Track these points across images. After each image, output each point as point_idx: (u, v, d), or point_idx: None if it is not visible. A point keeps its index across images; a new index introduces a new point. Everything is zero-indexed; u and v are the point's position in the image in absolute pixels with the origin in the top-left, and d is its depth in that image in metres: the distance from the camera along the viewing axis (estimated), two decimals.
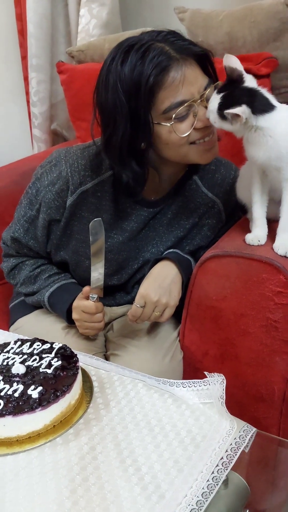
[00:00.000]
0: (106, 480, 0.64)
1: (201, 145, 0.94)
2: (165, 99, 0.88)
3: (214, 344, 0.99)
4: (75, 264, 1.09)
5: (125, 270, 1.10)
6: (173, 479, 0.64)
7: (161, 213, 1.07)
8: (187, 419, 0.75)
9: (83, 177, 1.02)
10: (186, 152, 0.94)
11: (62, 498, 0.62)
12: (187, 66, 0.88)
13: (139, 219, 1.06)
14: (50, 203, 1.03)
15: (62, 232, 1.07)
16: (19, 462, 0.67)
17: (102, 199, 1.03)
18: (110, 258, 1.06)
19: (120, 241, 1.06)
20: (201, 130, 0.92)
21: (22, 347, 0.83)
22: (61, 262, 1.12)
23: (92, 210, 1.04)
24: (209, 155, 0.96)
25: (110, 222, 1.04)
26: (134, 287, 1.13)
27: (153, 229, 1.08)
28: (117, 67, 0.88)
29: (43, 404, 0.70)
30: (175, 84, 0.88)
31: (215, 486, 0.63)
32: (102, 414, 0.76)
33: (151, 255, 1.09)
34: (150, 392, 0.80)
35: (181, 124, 0.90)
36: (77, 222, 1.05)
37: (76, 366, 0.78)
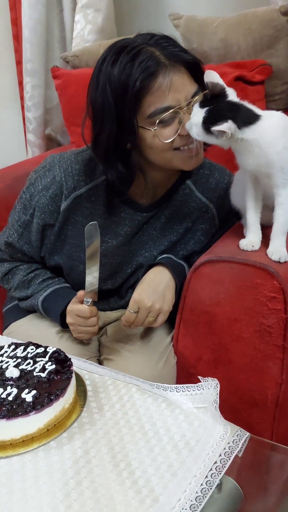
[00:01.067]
0: (100, 484, 0.64)
1: (185, 151, 0.94)
2: (151, 104, 0.89)
3: (208, 349, 0.99)
4: (69, 269, 1.10)
5: (119, 275, 1.10)
6: (167, 483, 0.64)
7: (154, 218, 1.08)
8: (181, 424, 0.75)
9: (77, 181, 1.02)
10: (170, 157, 0.95)
11: (56, 502, 0.61)
12: (175, 72, 0.89)
13: (133, 223, 1.06)
14: (44, 208, 1.04)
15: (56, 236, 1.07)
16: (13, 466, 0.67)
17: (96, 204, 1.04)
18: (104, 263, 1.06)
19: (114, 246, 1.06)
20: (186, 137, 0.92)
21: (16, 350, 0.83)
22: (55, 267, 1.12)
23: (86, 215, 1.04)
24: (192, 162, 0.97)
25: (104, 227, 1.05)
26: (128, 292, 1.13)
27: (146, 234, 1.08)
28: (108, 67, 0.89)
29: (37, 408, 0.70)
30: (162, 90, 0.88)
31: (209, 490, 0.63)
32: (96, 418, 0.76)
33: (145, 260, 1.09)
34: (144, 397, 0.80)
35: (165, 129, 0.91)
36: (71, 226, 1.05)
37: (70, 370, 0.78)
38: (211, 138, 0.88)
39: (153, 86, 0.88)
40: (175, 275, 1.01)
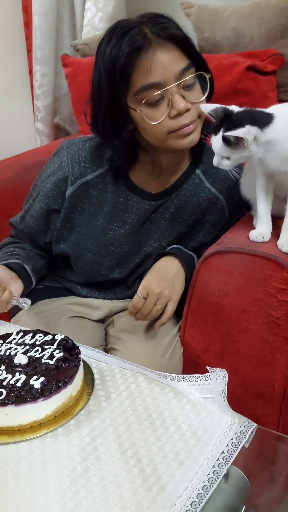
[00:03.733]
0: (107, 471, 0.64)
1: (180, 131, 0.92)
2: (137, 81, 0.88)
3: (215, 340, 0.99)
4: (76, 257, 1.09)
5: (126, 264, 1.10)
6: (174, 471, 0.64)
7: (163, 207, 1.07)
8: (188, 413, 0.75)
9: (83, 168, 1.03)
10: (164, 138, 0.93)
11: (64, 488, 0.62)
12: (161, 49, 0.87)
13: (140, 212, 1.05)
14: (48, 193, 1.05)
15: (62, 223, 1.06)
16: (21, 451, 0.67)
17: (103, 191, 1.04)
18: (111, 251, 1.06)
19: (121, 234, 1.06)
20: (177, 119, 0.90)
21: (25, 338, 0.83)
22: (61, 255, 1.12)
23: (93, 203, 1.04)
24: (185, 142, 0.94)
25: (111, 214, 1.04)
26: (135, 282, 1.13)
27: (155, 223, 1.08)
28: (102, 46, 0.90)
29: (45, 395, 0.70)
30: (145, 66, 0.87)
31: (216, 479, 0.63)
32: (103, 406, 0.76)
33: (153, 250, 1.09)
34: (151, 386, 0.81)
35: (152, 111, 0.89)
36: (78, 215, 1.05)
37: (78, 357, 0.78)
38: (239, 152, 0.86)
39: (137, 62, 0.87)
40: (185, 265, 1.01)
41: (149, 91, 0.88)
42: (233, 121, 0.85)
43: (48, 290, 1.17)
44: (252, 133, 0.83)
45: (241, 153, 0.86)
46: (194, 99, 0.91)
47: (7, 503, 0.60)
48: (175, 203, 1.07)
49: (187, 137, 0.93)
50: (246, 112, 0.87)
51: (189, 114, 0.90)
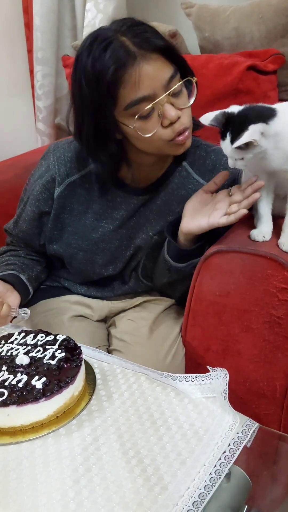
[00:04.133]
0: (108, 471, 0.64)
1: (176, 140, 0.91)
2: (126, 96, 0.86)
3: (217, 339, 0.99)
4: (70, 257, 1.10)
5: (118, 259, 1.10)
6: (176, 471, 0.64)
7: (150, 200, 1.07)
8: (189, 413, 0.75)
9: (69, 169, 1.04)
10: (161, 146, 0.93)
11: (65, 488, 0.62)
12: (146, 61, 0.85)
13: (129, 207, 1.05)
14: (38, 196, 1.06)
15: (53, 224, 1.07)
16: (23, 452, 0.68)
17: (90, 190, 1.05)
18: (103, 248, 1.07)
19: (111, 230, 1.06)
20: (171, 128, 0.89)
21: (26, 338, 0.83)
22: (55, 256, 1.13)
23: (81, 202, 1.05)
24: (182, 149, 0.94)
25: (100, 212, 1.05)
26: (131, 276, 1.13)
27: (143, 216, 1.07)
28: (82, 58, 0.88)
29: (46, 395, 0.70)
30: (133, 81, 0.85)
31: (218, 479, 0.63)
32: (105, 406, 0.76)
33: (142, 242, 1.08)
34: (153, 386, 0.81)
35: (145, 124, 0.89)
36: (68, 214, 1.06)
37: (80, 358, 0.78)
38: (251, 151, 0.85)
39: (124, 78, 0.85)
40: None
41: (139, 105, 0.87)
42: (237, 125, 0.85)
43: (48, 290, 1.17)
44: (258, 130, 0.83)
45: (253, 151, 0.86)
46: (183, 105, 0.90)
47: (9, 503, 0.60)
48: (162, 196, 1.07)
49: (183, 144, 0.93)
50: (247, 110, 0.87)
51: (181, 121, 0.90)
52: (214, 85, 1.48)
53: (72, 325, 1.07)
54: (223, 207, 0.93)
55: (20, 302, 1.02)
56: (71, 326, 1.07)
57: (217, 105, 1.57)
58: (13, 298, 1.00)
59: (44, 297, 1.15)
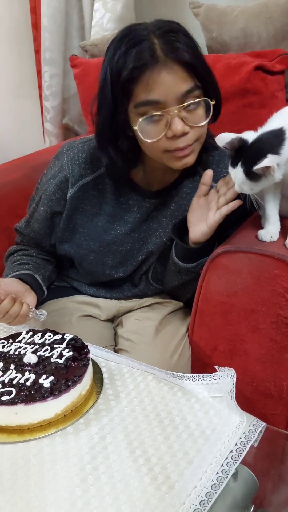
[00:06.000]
0: (116, 470, 0.65)
1: (175, 153, 0.91)
2: (139, 95, 0.87)
3: (224, 339, 0.99)
4: (80, 258, 1.10)
5: (129, 262, 1.10)
6: (183, 470, 0.65)
7: (164, 204, 1.07)
8: (196, 412, 0.75)
9: (83, 169, 1.03)
10: (159, 156, 0.93)
11: (73, 486, 0.62)
12: (167, 69, 0.85)
13: (142, 210, 1.05)
14: (50, 196, 1.05)
15: (65, 225, 1.07)
16: (31, 450, 0.68)
17: (103, 192, 1.04)
18: (114, 250, 1.07)
19: (123, 233, 1.06)
20: (174, 141, 0.89)
21: (34, 337, 0.84)
22: (65, 256, 1.13)
23: (94, 203, 1.05)
24: (180, 164, 0.93)
25: (112, 214, 1.05)
26: (141, 279, 1.13)
27: (156, 221, 1.07)
28: (111, 51, 0.89)
29: (54, 394, 0.70)
30: (148, 83, 0.85)
31: (225, 478, 0.64)
32: (112, 405, 0.76)
33: (154, 246, 1.08)
34: (160, 385, 0.81)
35: (150, 128, 0.88)
36: (80, 216, 1.06)
37: (87, 357, 0.79)
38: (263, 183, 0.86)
39: (140, 78, 0.85)
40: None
41: (148, 107, 0.87)
42: (251, 154, 0.85)
43: (56, 290, 1.18)
44: (275, 161, 0.83)
45: (263, 183, 0.86)
46: (194, 123, 0.89)
47: (17, 502, 0.61)
48: (175, 200, 1.07)
49: (181, 159, 0.92)
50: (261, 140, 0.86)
51: (186, 137, 0.89)
52: (222, 85, 1.45)
53: (79, 325, 1.08)
54: (214, 205, 0.94)
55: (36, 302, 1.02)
56: (78, 325, 1.07)
57: (224, 105, 1.56)
58: (31, 298, 1.00)
59: (52, 297, 1.15)
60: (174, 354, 1.01)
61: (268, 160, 0.82)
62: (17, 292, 0.98)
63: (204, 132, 0.93)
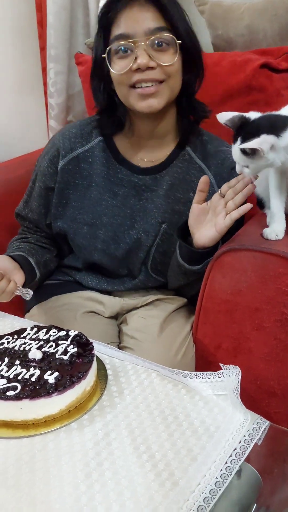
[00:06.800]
0: (120, 466, 0.65)
1: (140, 89, 0.95)
2: (112, 32, 0.95)
3: (228, 337, 0.99)
4: (73, 233, 1.11)
5: (121, 239, 1.09)
6: (187, 467, 0.65)
7: (156, 185, 1.08)
8: (200, 410, 0.75)
9: (73, 143, 1.08)
10: (126, 94, 0.98)
11: (77, 482, 0.62)
12: (139, 6, 0.92)
13: (131, 185, 1.07)
14: (44, 171, 1.10)
15: (57, 200, 1.10)
16: (35, 445, 0.68)
17: (93, 164, 1.08)
18: (105, 222, 1.08)
19: (114, 205, 1.08)
20: (138, 74, 0.93)
21: (39, 333, 0.84)
22: (59, 234, 1.15)
23: (85, 176, 1.08)
24: (144, 104, 0.97)
25: (103, 185, 1.08)
26: (141, 270, 1.13)
27: (150, 201, 1.09)
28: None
29: (59, 389, 0.71)
30: (121, 19, 0.93)
31: (229, 475, 0.64)
32: (116, 402, 0.77)
33: (150, 227, 1.09)
34: (164, 382, 0.81)
35: (118, 61, 0.95)
36: (72, 190, 1.09)
37: (92, 353, 0.79)
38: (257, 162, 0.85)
39: (114, 14, 0.94)
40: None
41: (119, 41, 0.93)
42: (250, 131, 0.84)
43: (60, 285, 1.18)
44: (269, 142, 0.82)
45: (259, 162, 0.85)
46: (161, 61, 0.93)
47: (22, 497, 0.61)
48: (167, 180, 1.08)
49: (146, 99, 0.96)
50: (263, 119, 0.86)
51: (151, 72, 0.93)
52: (227, 82, 1.47)
53: (83, 321, 1.08)
54: (222, 210, 0.94)
55: (25, 282, 1.04)
56: (83, 322, 1.08)
57: (229, 103, 1.57)
58: (19, 277, 1.02)
59: (57, 292, 1.15)
60: (178, 352, 1.01)
61: (258, 141, 0.81)
62: (6, 269, 0.99)
63: (175, 78, 0.97)
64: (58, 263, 1.21)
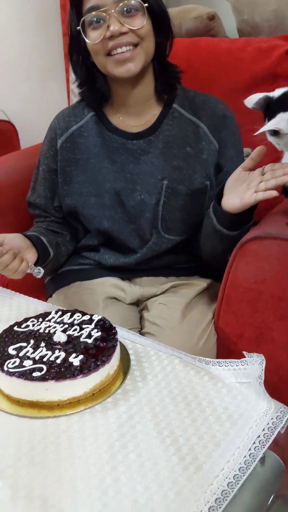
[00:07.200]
0: (144, 449, 0.65)
1: (116, 56, 1.00)
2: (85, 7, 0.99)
3: (250, 326, 0.98)
4: (82, 206, 1.13)
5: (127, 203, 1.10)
6: (210, 452, 0.65)
7: (151, 146, 1.11)
8: (223, 397, 0.75)
9: (68, 122, 1.14)
10: (104, 62, 1.02)
11: (102, 462, 0.63)
12: None
13: (127, 152, 1.11)
14: (46, 154, 1.16)
15: (62, 179, 1.14)
16: (60, 426, 0.69)
17: (89, 137, 1.12)
18: (108, 188, 1.10)
19: (113, 170, 1.10)
20: (113, 39, 0.98)
21: (63, 317, 0.84)
22: (70, 213, 1.16)
23: (83, 150, 1.12)
24: (122, 69, 1.01)
25: (100, 154, 1.11)
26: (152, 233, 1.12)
27: (149, 163, 1.10)
28: None
29: (84, 372, 0.71)
30: None
31: (252, 462, 0.64)
32: (139, 386, 0.77)
33: (151, 186, 1.09)
34: (187, 369, 0.81)
35: (92, 32, 1.00)
36: (74, 166, 1.13)
37: (115, 338, 0.79)
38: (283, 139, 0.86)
39: None
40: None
41: (91, 14, 0.98)
42: (273, 110, 0.84)
43: (81, 271, 1.19)
44: (285, 120, 0.81)
45: (283, 139, 0.85)
46: (132, 26, 0.98)
47: (48, 474, 0.62)
48: (160, 139, 1.11)
49: (123, 64, 1.00)
50: (281, 97, 0.85)
51: (125, 37, 0.98)
52: (252, 69, 1.45)
53: (105, 306, 1.08)
54: (254, 186, 0.93)
55: (39, 261, 1.07)
56: (105, 307, 1.08)
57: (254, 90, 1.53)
58: (31, 255, 1.04)
59: (79, 278, 1.17)
60: (201, 339, 1.01)
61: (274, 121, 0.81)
62: (19, 247, 1.02)
63: (148, 41, 1.02)
64: (76, 248, 1.23)
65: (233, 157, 1.13)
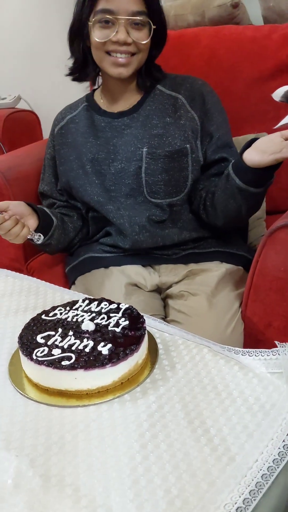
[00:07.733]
0: (175, 439, 0.64)
1: (114, 58, 1.08)
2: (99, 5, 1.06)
3: (279, 316, 0.96)
4: (73, 179, 1.20)
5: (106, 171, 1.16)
6: (243, 443, 0.63)
7: (132, 121, 1.17)
8: (255, 387, 0.73)
9: (64, 113, 1.28)
10: (101, 58, 1.10)
11: (133, 452, 0.62)
12: None
13: (112, 128, 1.19)
14: (48, 144, 1.29)
15: (59, 161, 1.24)
16: (90, 415, 0.68)
17: (79, 122, 1.23)
18: (91, 158, 1.18)
19: (97, 144, 1.19)
20: (116, 45, 1.06)
21: (90, 305, 0.84)
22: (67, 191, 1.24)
23: (73, 133, 1.23)
24: (115, 71, 1.09)
25: (87, 131, 1.20)
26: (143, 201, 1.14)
27: (130, 135, 1.16)
28: None
29: (113, 361, 0.70)
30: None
31: (286, 453, 0.62)
32: (169, 376, 0.76)
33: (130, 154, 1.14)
34: (216, 358, 0.80)
35: (100, 30, 1.06)
36: (67, 148, 1.23)
37: (143, 326, 0.78)
38: None
39: None
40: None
41: (103, 14, 1.05)
42: None
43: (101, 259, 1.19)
44: None
45: None
46: (136, 38, 1.07)
47: (79, 463, 0.61)
48: (142, 114, 1.17)
49: (117, 68, 1.09)
50: None
51: (127, 47, 1.06)
52: (278, 56, 1.42)
53: (128, 292, 1.08)
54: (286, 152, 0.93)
55: (42, 227, 1.14)
56: (127, 292, 1.08)
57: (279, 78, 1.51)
58: (33, 222, 1.12)
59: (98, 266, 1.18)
60: (228, 327, 1.00)
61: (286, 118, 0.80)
62: (22, 213, 1.09)
63: (144, 53, 1.10)
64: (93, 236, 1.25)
65: (222, 123, 1.17)
